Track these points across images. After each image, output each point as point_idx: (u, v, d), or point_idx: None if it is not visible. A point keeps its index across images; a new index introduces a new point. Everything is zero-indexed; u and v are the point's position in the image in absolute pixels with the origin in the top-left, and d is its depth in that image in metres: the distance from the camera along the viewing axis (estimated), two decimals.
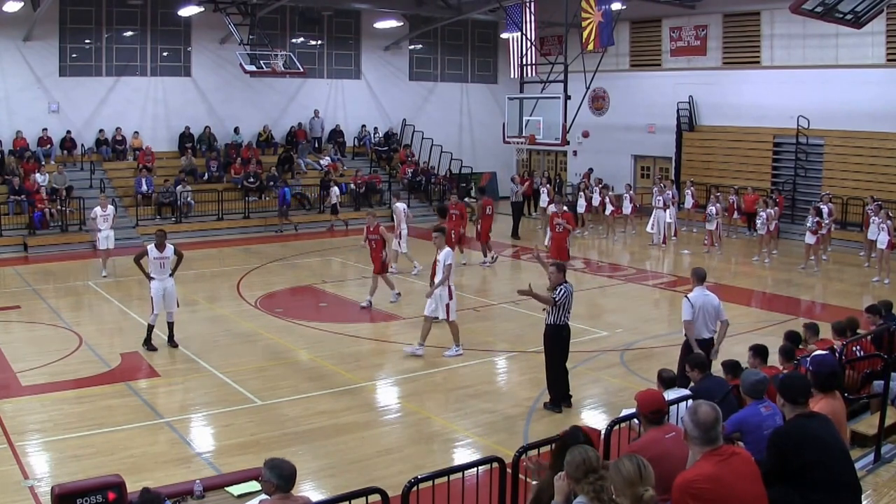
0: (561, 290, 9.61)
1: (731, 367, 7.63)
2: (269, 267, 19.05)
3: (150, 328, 12.24)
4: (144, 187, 23.24)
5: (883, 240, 17.47)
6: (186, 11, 23.98)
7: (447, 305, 11.85)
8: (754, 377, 6.46)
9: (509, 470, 5.69)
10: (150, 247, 12.26)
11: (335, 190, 24.86)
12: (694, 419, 4.32)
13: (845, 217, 21.68)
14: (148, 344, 12.16)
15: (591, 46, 21.14)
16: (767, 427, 5.66)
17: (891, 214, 18.31)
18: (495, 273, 19.07)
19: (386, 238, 15.38)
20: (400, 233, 18.03)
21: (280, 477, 4.93)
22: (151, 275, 12.14)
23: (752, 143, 24.81)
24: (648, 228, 22.17)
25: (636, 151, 28.63)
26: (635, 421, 6.61)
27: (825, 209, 19.29)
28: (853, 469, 5.10)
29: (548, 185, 26.19)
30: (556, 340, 9.81)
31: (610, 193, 23.89)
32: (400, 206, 18.94)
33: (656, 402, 5.57)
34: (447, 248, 12.15)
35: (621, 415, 6.87)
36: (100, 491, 5.60)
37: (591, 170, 27.66)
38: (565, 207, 17.95)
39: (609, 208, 23.48)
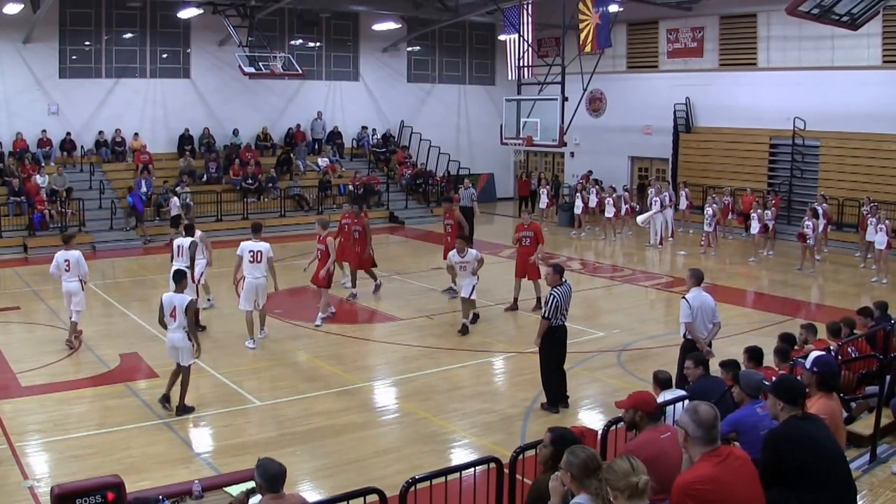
0: (551, 297, 9.67)
1: (729, 366, 7.68)
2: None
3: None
4: (144, 188, 23.28)
5: (881, 240, 17.55)
6: (185, 13, 24.05)
7: None
8: (756, 377, 6.51)
9: (506, 470, 5.73)
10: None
11: (175, 200, 21.92)
12: (695, 419, 4.34)
13: (841, 218, 21.75)
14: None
15: (588, 48, 21.16)
16: (764, 427, 5.67)
17: (888, 215, 18.41)
18: (493, 274, 19.08)
19: (331, 250, 13.76)
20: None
21: (263, 477, 4.91)
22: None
23: (748, 145, 24.89)
24: (640, 220, 22.09)
25: (633, 153, 28.70)
26: None
27: (821, 210, 19.35)
28: (848, 470, 5.14)
29: (546, 187, 26.23)
30: (551, 341, 9.86)
31: (614, 195, 23.93)
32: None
33: (642, 401, 5.61)
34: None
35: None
36: (99, 491, 5.63)
37: (590, 172, 27.71)
38: (531, 219, 15.95)
39: (610, 210, 23.52)
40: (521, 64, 23.82)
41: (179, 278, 9.94)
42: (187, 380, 9.77)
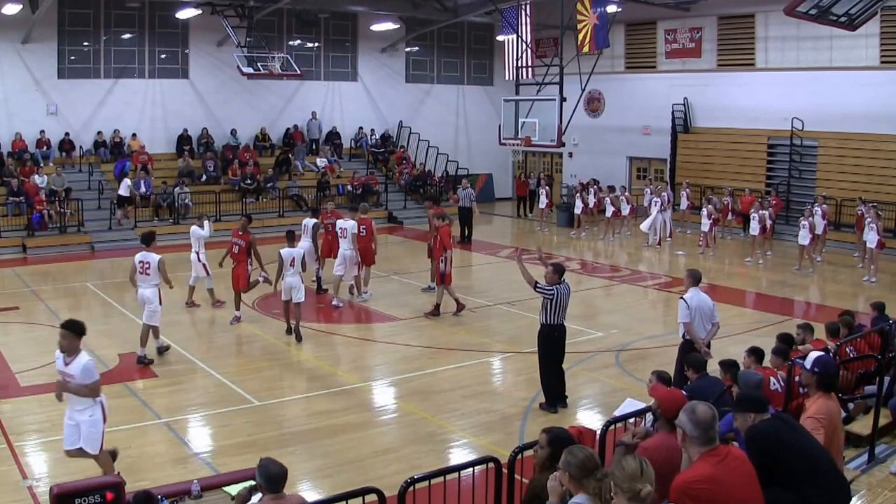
0: (550, 290, 9.67)
1: (728, 366, 7.69)
2: (266, 268, 19.05)
3: None
4: (143, 189, 23.28)
5: (872, 239, 17.56)
6: (184, 14, 24.08)
7: None
8: (755, 378, 6.51)
9: (505, 470, 5.74)
10: None
11: (126, 181, 22.36)
12: (692, 418, 4.35)
13: (839, 218, 21.75)
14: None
15: (586, 48, 21.22)
16: None
17: (880, 214, 18.41)
18: (492, 274, 19.14)
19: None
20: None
21: (263, 477, 4.92)
22: None
23: (746, 145, 24.91)
24: (644, 227, 22.07)
25: (631, 153, 28.72)
26: (630, 421, 6.67)
27: (818, 210, 19.35)
28: (835, 464, 5.24)
29: (546, 188, 26.23)
30: (548, 341, 9.87)
31: (612, 195, 23.96)
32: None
33: (669, 401, 5.48)
34: None
35: (616, 414, 6.93)
36: (98, 491, 5.64)
37: (593, 180, 27.40)
38: (445, 221, 14.88)
39: (609, 210, 23.56)
40: (519, 64, 23.90)
41: (292, 237, 13.37)
42: (300, 314, 13.00)
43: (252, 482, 5.63)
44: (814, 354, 6.55)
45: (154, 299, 11.50)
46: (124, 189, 22.63)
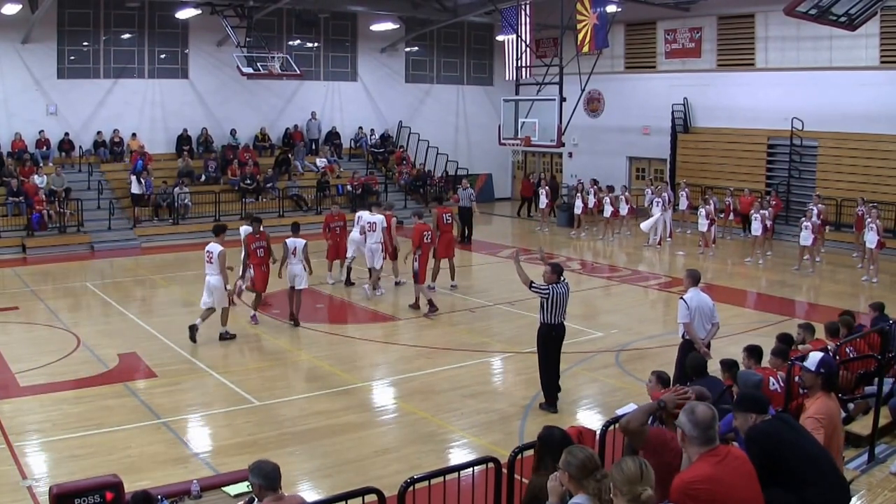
0: (546, 290, 9.67)
1: (728, 366, 7.69)
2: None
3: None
4: (143, 189, 23.28)
5: (872, 239, 17.55)
6: (184, 14, 24.08)
7: None
8: (754, 378, 6.49)
9: (504, 470, 5.73)
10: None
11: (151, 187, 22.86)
12: (692, 419, 4.34)
13: (839, 218, 21.74)
14: None
15: (586, 48, 21.22)
16: None
17: (880, 214, 18.39)
18: (492, 273, 19.14)
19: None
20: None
21: (261, 476, 4.89)
22: None
23: (746, 145, 24.90)
24: (644, 227, 22.02)
25: (631, 153, 28.71)
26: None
27: (815, 210, 19.33)
28: (835, 465, 5.23)
29: (547, 187, 26.21)
30: (547, 340, 9.87)
31: (610, 195, 23.95)
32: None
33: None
34: None
35: (618, 413, 6.92)
36: (97, 491, 5.65)
37: (595, 181, 27.33)
38: (421, 218, 15.48)
39: (608, 209, 23.55)
40: (519, 64, 23.90)
41: (297, 228, 14.03)
42: (300, 300, 13.72)
43: (241, 488, 5.63)
44: (817, 356, 6.54)
45: (219, 286, 12.51)
46: (136, 186, 23.05)
